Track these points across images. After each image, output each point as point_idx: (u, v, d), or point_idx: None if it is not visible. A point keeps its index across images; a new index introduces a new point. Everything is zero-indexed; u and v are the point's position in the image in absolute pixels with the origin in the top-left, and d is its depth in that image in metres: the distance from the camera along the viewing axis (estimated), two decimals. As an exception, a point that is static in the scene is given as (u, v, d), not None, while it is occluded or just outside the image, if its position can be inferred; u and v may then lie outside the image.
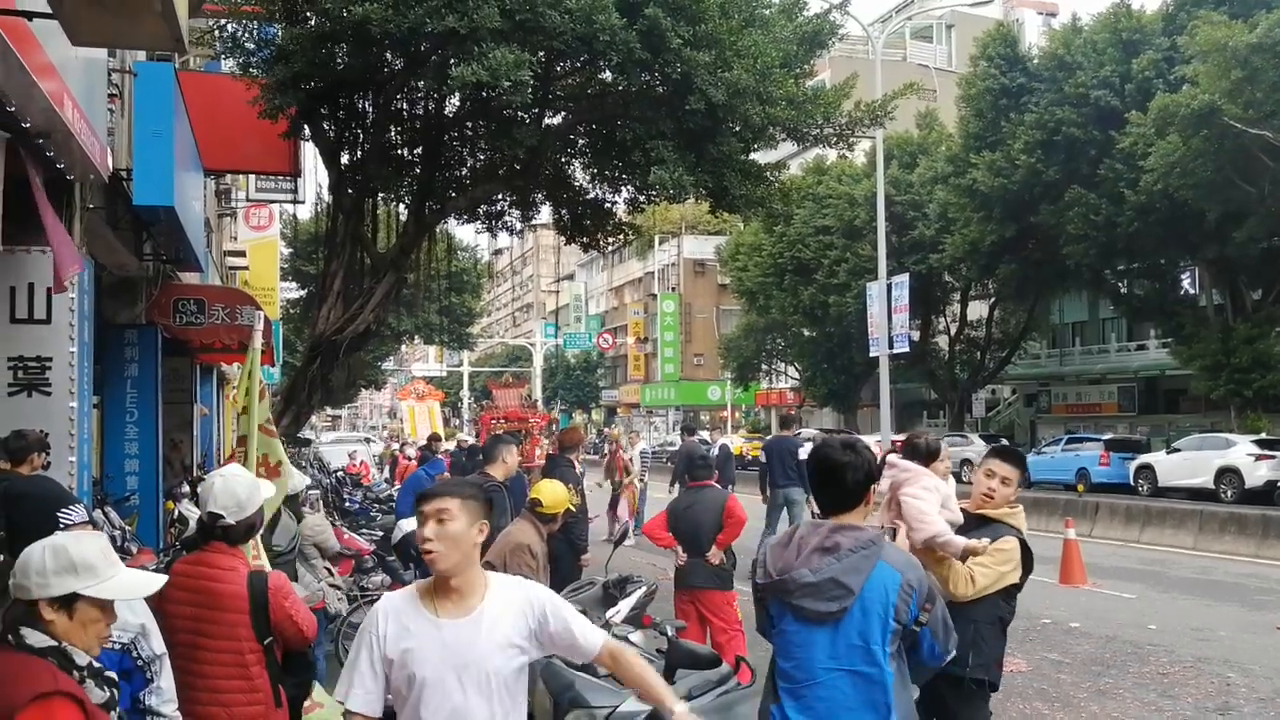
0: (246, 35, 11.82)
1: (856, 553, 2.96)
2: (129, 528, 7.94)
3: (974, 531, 4.34)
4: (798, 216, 33.98)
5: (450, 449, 21.30)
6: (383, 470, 27.17)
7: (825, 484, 3.10)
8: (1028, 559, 4.33)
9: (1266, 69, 20.74)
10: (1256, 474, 22.02)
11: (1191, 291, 31.90)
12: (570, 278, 79.05)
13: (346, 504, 14.97)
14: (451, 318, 40.33)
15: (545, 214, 15.92)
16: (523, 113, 11.38)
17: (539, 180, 13.63)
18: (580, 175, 14.04)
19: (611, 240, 15.36)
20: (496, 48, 9.57)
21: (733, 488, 18.78)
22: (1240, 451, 22.74)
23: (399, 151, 13.28)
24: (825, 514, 3.12)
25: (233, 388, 20.09)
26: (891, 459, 4.66)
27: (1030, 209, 28.05)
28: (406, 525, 9.22)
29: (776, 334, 44.76)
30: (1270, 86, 20.90)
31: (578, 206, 14.22)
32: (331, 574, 7.30)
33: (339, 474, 20.03)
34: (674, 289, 61.72)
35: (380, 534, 10.98)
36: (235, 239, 21.43)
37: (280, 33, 11.11)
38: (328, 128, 12.43)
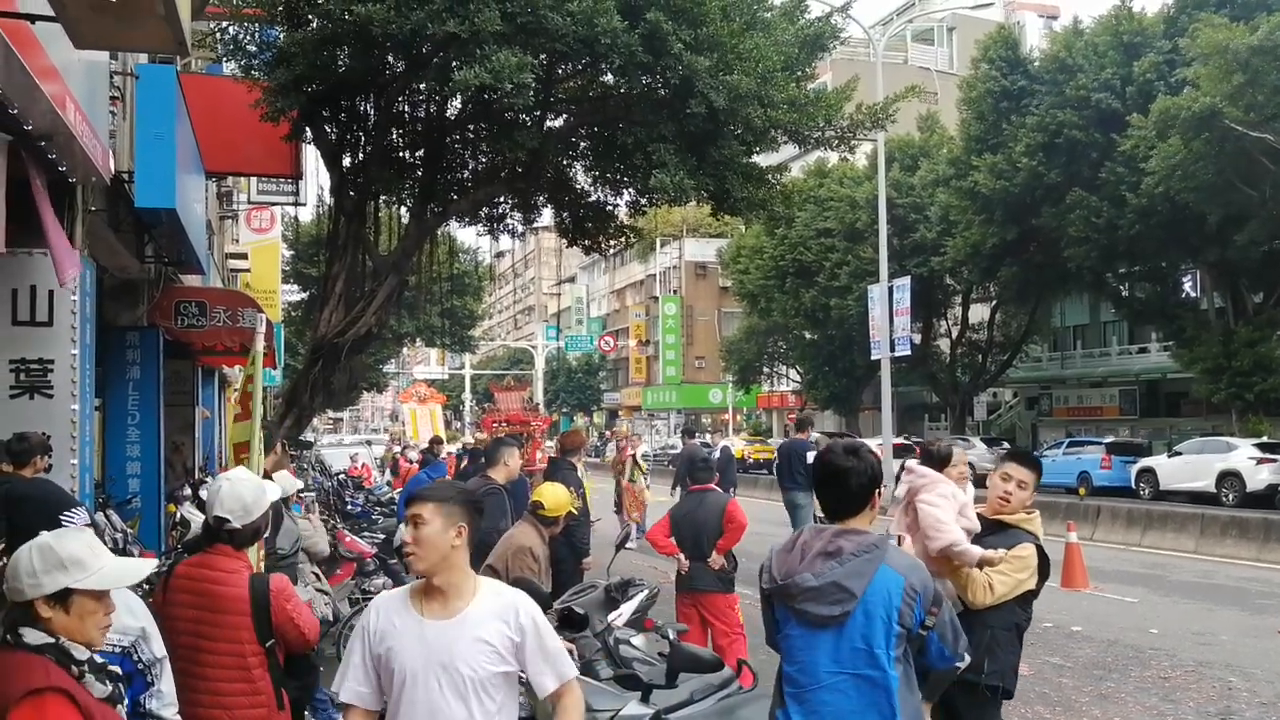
0: (248, 38, 11.82)
1: (859, 557, 2.96)
2: (131, 530, 7.93)
3: (991, 537, 4.29)
4: (799, 219, 33.98)
5: (455, 450, 21.31)
6: (384, 473, 27.15)
7: (829, 489, 3.11)
8: (1044, 565, 4.29)
9: (1268, 72, 20.73)
10: (1258, 477, 22.00)
11: (1193, 294, 31.89)
12: (572, 280, 79.04)
13: (348, 507, 14.95)
14: (453, 320, 40.31)
15: (547, 217, 15.92)
16: (524, 115, 11.39)
17: (540, 183, 13.64)
18: (582, 178, 14.04)
19: (613, 243, 15.36)
20: (498, 50, 9.57)
21: (735, 491, 18.77)
22: (1241, 455, 22.73)
23: (401, 154, 13.28)
24: (830, 519, 3.13)
25: (234, 390, 20.11)
26: (910, 464, 4.63)
27: (1031, 212, 28.04)
28: (408, 528, 9.20)
29: (778, 337, 44.75)
30: (1271, 89, 20.89)
31: (579, 209, 14.22)
32: (319, 579, 7.29)
33: (340, 476, 20.02)
34: (675, 292, 61.71)
35: (382, 537, 10.96)
36: (237, 241, 21.44)
37: (282, 35, 11.12)
38: (329, 130, 12.44)
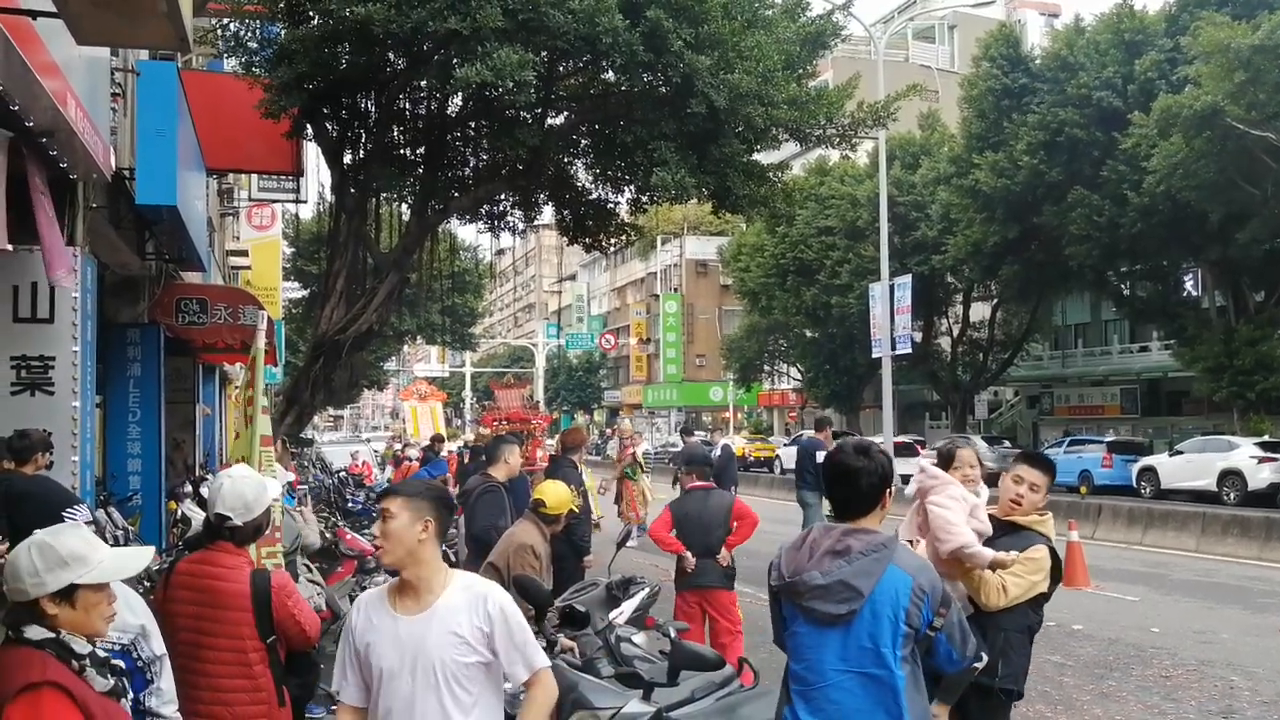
0: (249, 34, 11.83)
1: (867, 556, 2.96)
2: (131, 528, 7.94)
3: (1003, 538, 4.24)
4: (800, 217, 33.95)
5: (456, 448, 21.33)
6: (384, 470, 27.16)
7: (839, 488, 3.10)
8: (1057, 568, 4.26)
9: (1269, 70, 20.71)
10: (1259, 476, 21.99)
11: (1194, 293, 31.87)
12: (572, 278, 79.01)
13: (349, 504, 14.96)
14: (454, 318, 40.30)
15: (548, 214, 15.92)
16: (525, 113, 11.39)
17: (541, 180, 13.64)
18: (583, 176, 14.05)
19: (614, 241, 15.37)
20: (499, 48, 9.57)
21: (736, 489, 18.74)
22: (1243, 454, 22.72)
23: (402, 151, 13.28)
24: (840, 518, 3.12)
25: (235, 388, 20.10)
26: (922, 464, 4.59)
27: (1033, 210, 28.03)
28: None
29: (779, 335, 44.73)
30: (1273, 88, 20.87)
31: (580, 207, 14.22)
32: (310, 570, 7.29)
33: (341, 474, 20.03)
34: (676, 290, 61.66)
35: (382, 534, 10.93)
36: (238, 238, 21.41)
37: (283, 32, 11.11)
38: (330, 128, 12.44)
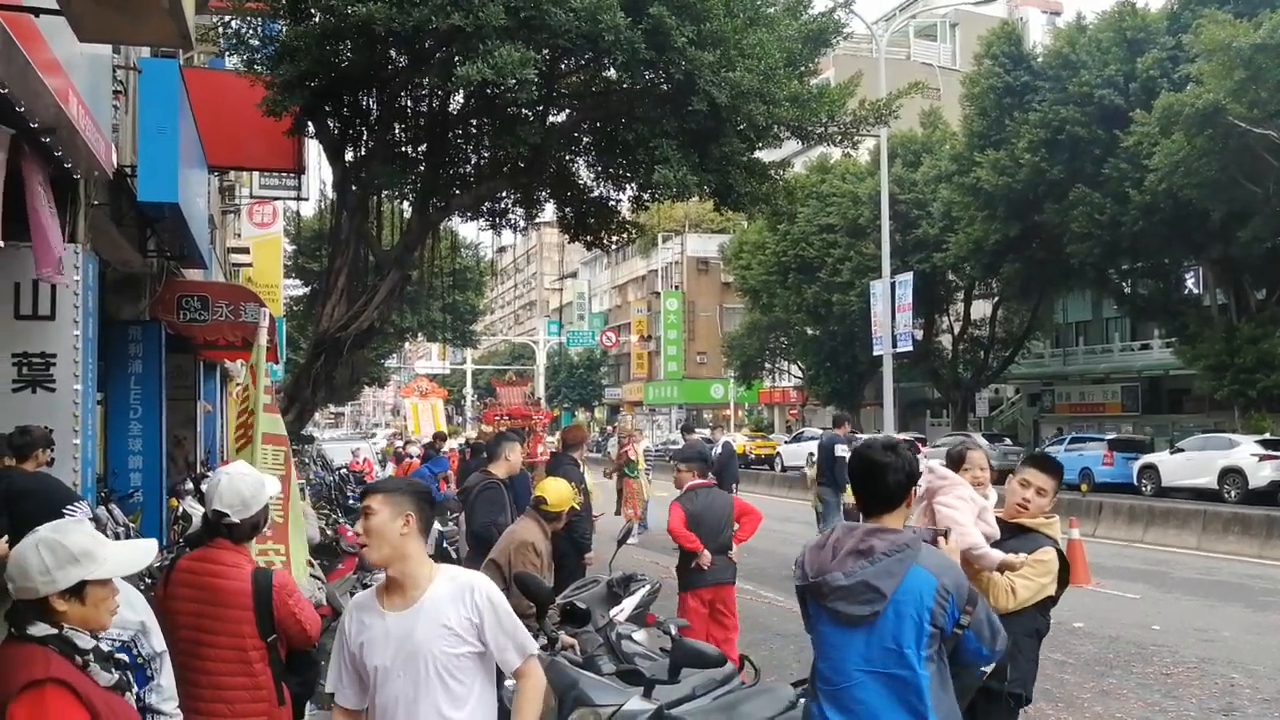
0: (251, 32, 11.81)
1: (890, 556, 2.94)
2: (132, 525, 7.96)
3: (1011, 541, 4.21)
4: (801, 215, 33.91)
5: (458, 445, 21.34)
6: (385, 467, 27.18)
7: (866, 485, 3.09)
8: (1065, 570, 4.22)
9: (1271, 69, 20.68)
10: (1260, 474, 21.99)
11: (1196, 291, 31.84)
12: (574, 275, 78.99)
13: (350, 501, 14.98)
14: (455, 315, 40.28)
15: (549, 212, 15.91)
16: (527, 110, 11.38)
17: (543, 178, 13.63)
18: (584, 173, 14.03)
19: (615, 238, 15.34)
20: (501, 45, 9.56)
21: (737, 487, 18.74)
22: (1244, 452, 22.71)
23: (403, 149, 13.27)
24: (866, 515, 3.11)
25: (237, 385, 20.11)
26: (931, 464, 4.57)
27: (1034, 208, 28.00)
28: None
29: (780, 332, 44.70)
30: (1275, 86, 20.84)
31: (582, 204, 14.21)
32: (312, 566, 7.29)
33: (342, 471, 20.05)
34: (677, 287, 61.64)
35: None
36: (239, 236, 21.41)
37: (284, 30, 11.10)
38: (332, 125, 12.43)
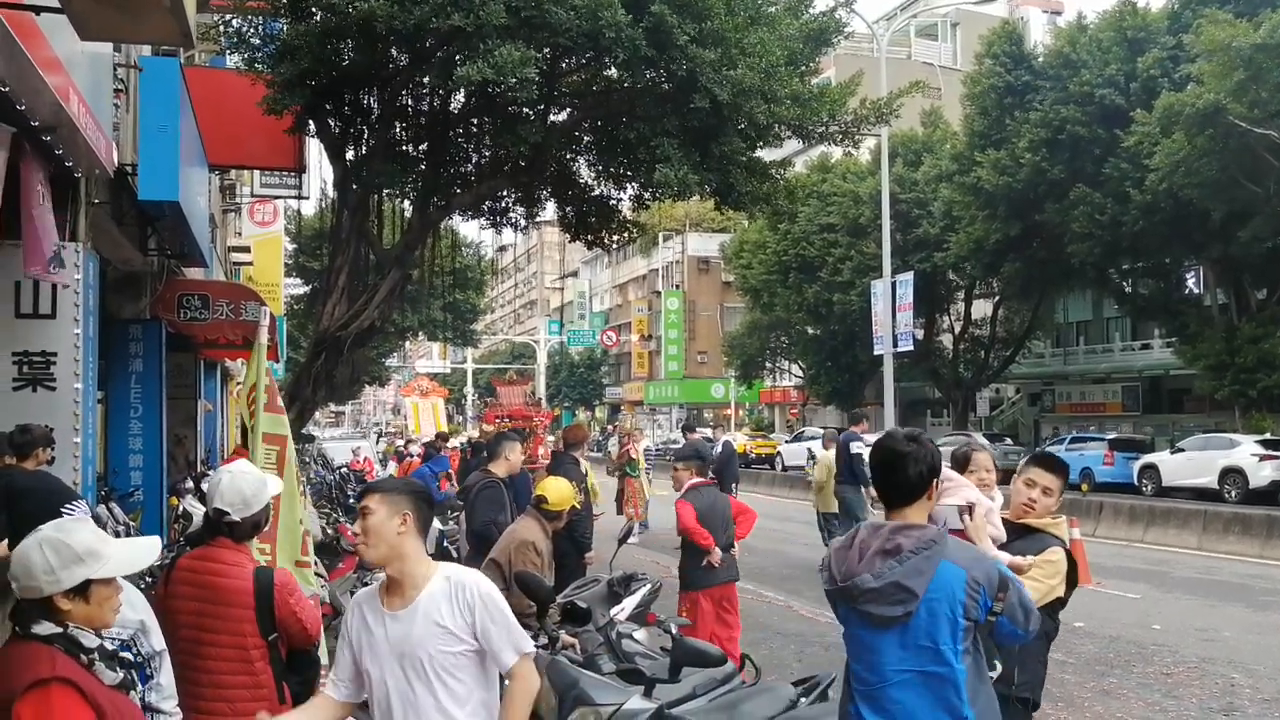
0: (252, 30, 11.80)
1: (918, 554, 2.90)
2: (133, 523, 7.96)
3: (1017, 542, 4.12)
4: (802, 214, 33.89)
5: (459, 444, 21.35)
6: (386, 466, 27.20)
7: (886, 476, 3.04)
8: (1073, 571, 4.17)
9: (1271, 69, 20.68)
10: (1261, 474, 22.00)
11: (1196, 291, 31.82)
12: (574, 275, 78.99)
13: (350, 500, 14.99)
14: (455, 314, 40.25)
15: (550, 211, 15.90)
16: (528, 109, 11.37)
17: (544, 177, 13.62)
18: (585, 172, 14.01)
19: (616, 237, 15.34)
20: (502, 44, 9.55)
21: (737, 487, 18.74)
22: (1244, 452, 22.71)
23: (404, 147, 13.25)
24: (888, 509, 3.06)
25: (237, 383, 20.11)
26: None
27: (1035, 207, 28.00)
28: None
29: (780, 332, 44.70)
30: (1275, 86, 20.84)
31: (582, 204, 14.20)
32: (316, 564, 7.29)
33: (343, 470, 20.07)
34: (678, 286, 61.63)
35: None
36: (240, 234, 21.42)
37: (285, 28, 11.10)
38: (333, 124, 12.42)
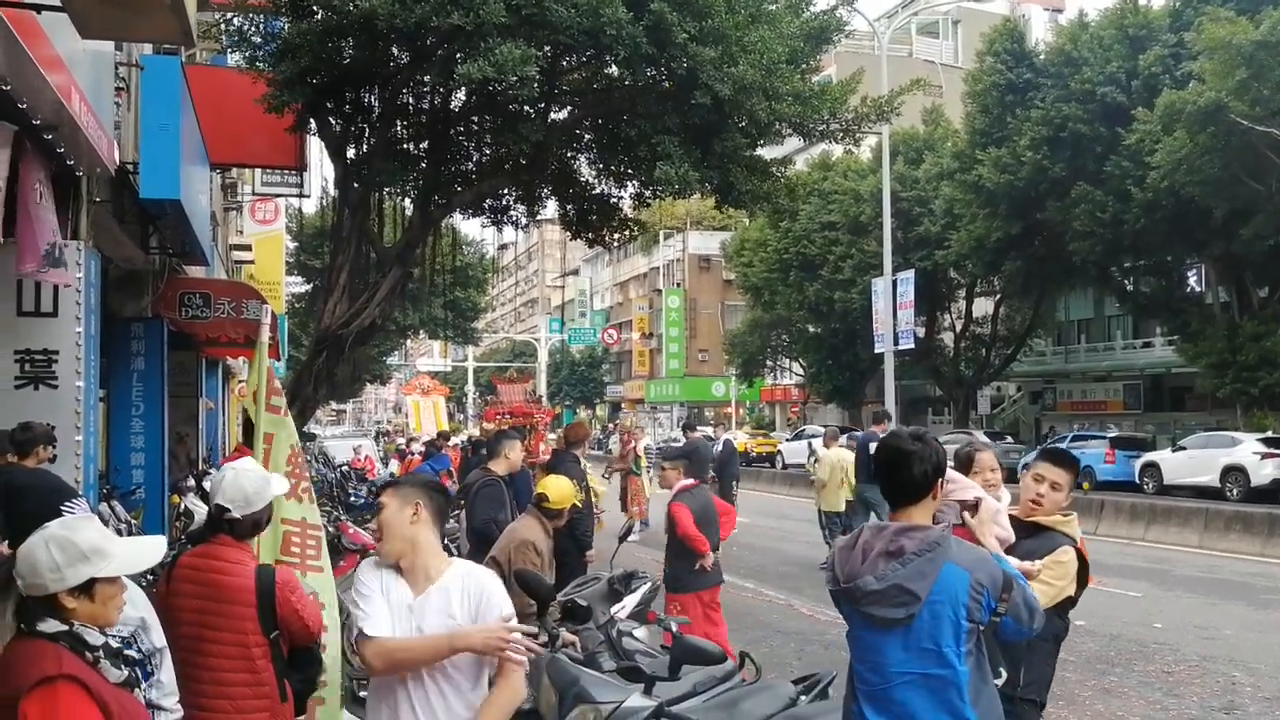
0: (253, 29, 11.81)
1: (921, 556, 2.89)
2: (134, 521, 7.97)
3: (1026, 541, 4.04)
4: (803, 212, 33.92)
5: (460, 442, 21.36)
6: (387, 465, 27.24)
7: (891, 474, 3.03)
8: (1084, 570, 4.05)
9: (1273, 66, 20.65)
10: (1262, 472, 21.99)
11: (1198, 289, 31.82)
12: (575, 273, 79.03)
13: (351, 498, 15.02)
14: (456, 312, 40.29)
15: (551, 209, 15.90)
16: (528, 107, 11.37)
17: (545, 175, 13.61)
18: (586, 170, 14.01)
19: (617, 236, 15.34)
20: (502, 43, 9.54)
21: (737, 485, 18.74)
22: (1246, 450, 22.70)
23: (405, 146, 13.26)
24: (892, 509, 3.06)
25: (239, 382, 20.13)
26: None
27: (1036, 205, 27.98)
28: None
29: (781, 330, 44.72)
30: (1276, 84, 20.81)
31: (583, 202, 14.20)
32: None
33: (344, 468, 20.08)
34: (679, 284, 61.66)
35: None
36: (241, 233, 21.45)
37: (286, 27, 11.10)
38: (333, 122, 12.42)
